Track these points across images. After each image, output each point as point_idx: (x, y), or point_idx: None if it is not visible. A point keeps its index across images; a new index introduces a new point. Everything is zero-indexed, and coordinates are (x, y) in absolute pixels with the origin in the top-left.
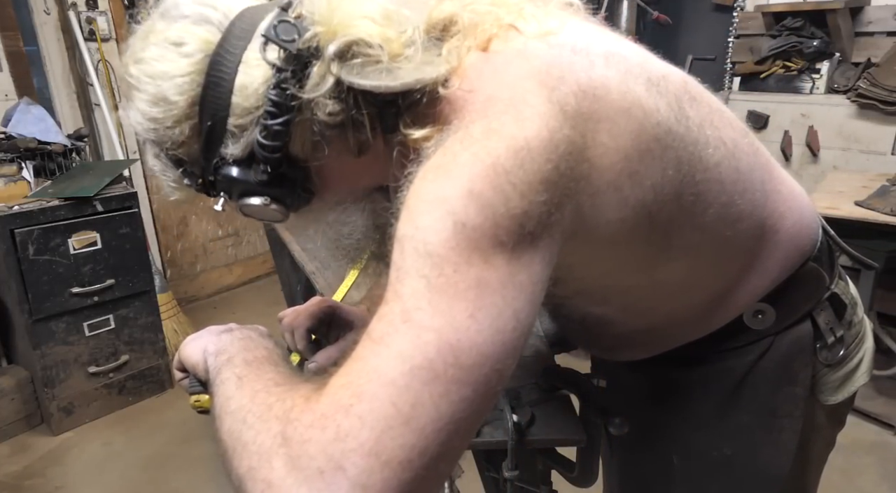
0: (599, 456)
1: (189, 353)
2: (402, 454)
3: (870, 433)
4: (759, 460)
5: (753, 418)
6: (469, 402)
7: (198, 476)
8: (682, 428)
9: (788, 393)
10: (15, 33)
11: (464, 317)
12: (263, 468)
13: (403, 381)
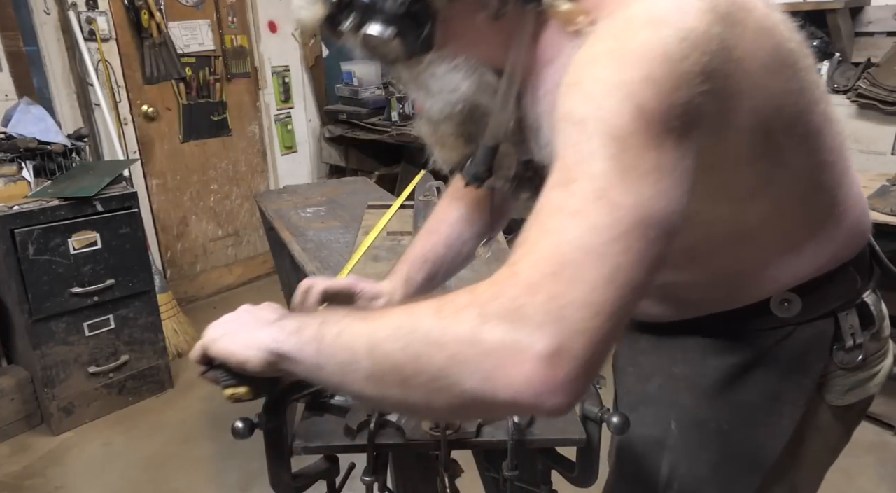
0: (599, 456)
1: (233, 349)
2: (608, 307)
3: (870, 433)
4: (754, 440)
5: (758, 399)
6: (650, 269)
7: (198, 476)
8: (687, 396)
9: (796, 382)
10: (15, 33)
11: (649, 195)
12: (475, 345)
13: (602, 250)
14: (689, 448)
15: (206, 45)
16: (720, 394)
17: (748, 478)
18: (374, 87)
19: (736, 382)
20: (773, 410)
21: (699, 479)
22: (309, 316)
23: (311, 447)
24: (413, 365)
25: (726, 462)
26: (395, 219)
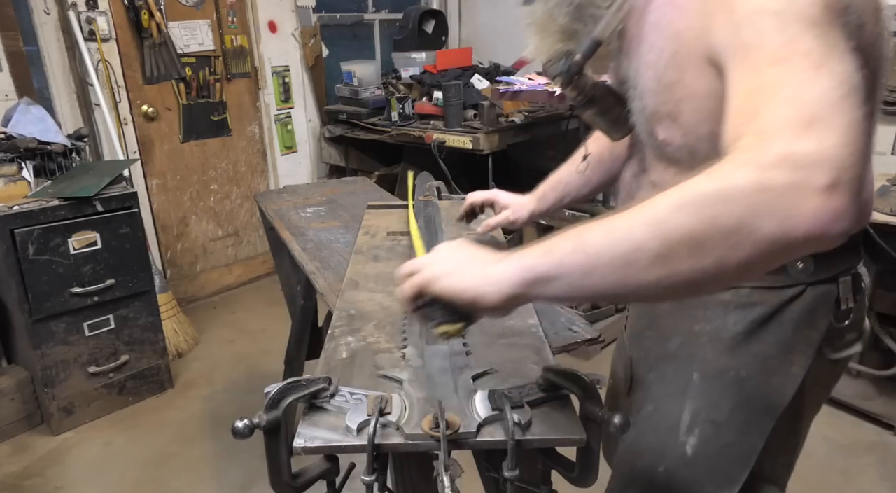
0: (599, 456)
1: (464, 286)
2: (859, 147)
3: (870, 433)
4: (768, 386)
5: (773, 349)
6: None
7: (198, 476)
8: (709, 349)
9: (807, 334)
10: (15, 33)
11: (852, 69)
12: (766, 191)
13: (840, 103)
14: (710, 395)
15: (206, 45)
16: (740, 346)
17: (762, 421)
18: (374, 87)
19: (754, 335)
20: (786, 359)
21: (718, 423)
22: (541, 242)
23: (311, 447)
24: (707, 228)
25: (743, 407)
26: (395, 219)
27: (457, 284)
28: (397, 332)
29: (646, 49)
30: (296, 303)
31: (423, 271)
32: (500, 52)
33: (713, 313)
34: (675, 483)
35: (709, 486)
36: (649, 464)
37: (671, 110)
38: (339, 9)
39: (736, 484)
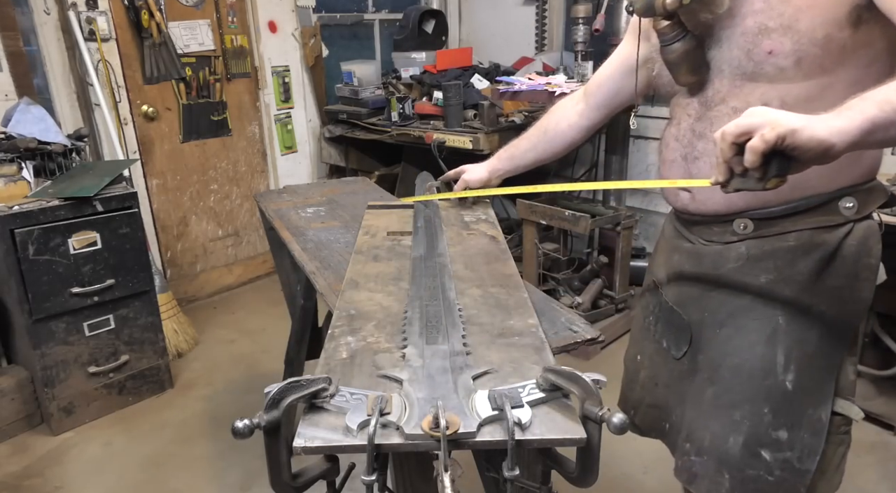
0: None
1: (822, 136)
2: None
3: (870, 433)
4: (843, 312)
5: (842, 280)
6: None
7: (198, 476)
8: (787, 293)
9: (866, 263)
10: (15, 33)
11: None
12: None
13: None
14: (798, 333)
15: (206, 45)
16: (815, 284)
17: (843, 341)
18: (374, 87)
19: (824, 272)
20: (855, 287)
21: (810, 355)
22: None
23: (311, 447)
24: None
25: (828, 335)
26: (395, 219)
27: (816, 135)
28: (397, 332)
29: None
30: (296, 303)
31: (778, 124)
32: (500, 52)
33: (783, 261)
34: (780, 417)
35: (809, 408)
36: (752, 410)
37: (784, 21)
38: (339, 9)
39: (829, 397)
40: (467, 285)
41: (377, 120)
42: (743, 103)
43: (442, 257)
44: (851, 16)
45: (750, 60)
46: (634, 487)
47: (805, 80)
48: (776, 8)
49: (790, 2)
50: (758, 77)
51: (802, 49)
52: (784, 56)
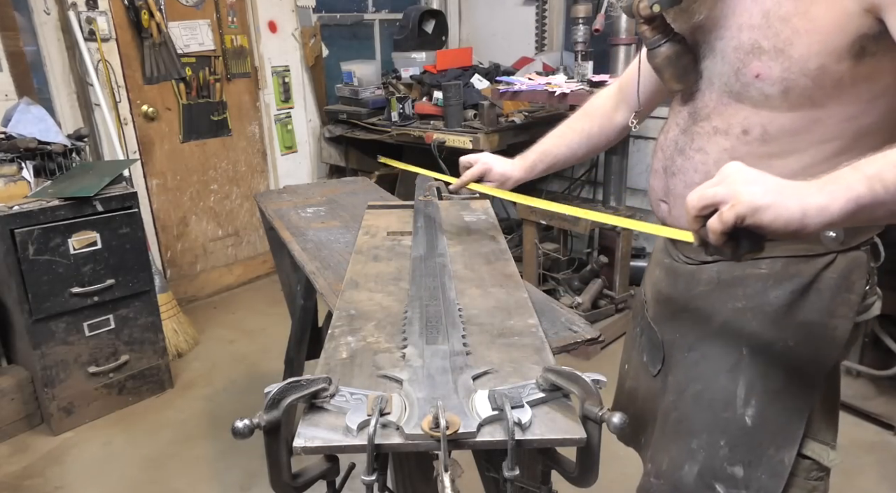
0: (599, 456)
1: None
2: None
3: (870, 433)
4: (815, 351)
5: (816, 316)
6: None
7: (198, 476)
8: (754, 324)
9: (845, 298)
10: (15, 33)
11: None
12: None
13: None
14: (762, 367)
15: (206, 45)
16: (784, 317)
17: (813, 383)
18: (374, 87)
19: (796, 305)
20: (830, 324)
21: (774, 391)
22: (849, 171)
23: (311, 447)
24: None
25: (796, 374)
26: (395, 219)
27: (783, 216)
28: (397, 332)
29: None
30: (296, 303)
31: (740, 202)
32: (500, 52)
33: (753, 289)
34: (737, 452)
35: (770, 448)
36: (708, 441)
37: (778, 43)
38: (339, 9)
39: (795, 440)
40: (467, 285)
41: (377, 120)
42: (725, 124)
43: (442, 257)
44: (854, 47)
45: (737, 80)
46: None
47: (791, 110)
48: (774, 26)
49: (789, 22)
50: (743, 98)
51: (791, 78)
52: (771, 82)
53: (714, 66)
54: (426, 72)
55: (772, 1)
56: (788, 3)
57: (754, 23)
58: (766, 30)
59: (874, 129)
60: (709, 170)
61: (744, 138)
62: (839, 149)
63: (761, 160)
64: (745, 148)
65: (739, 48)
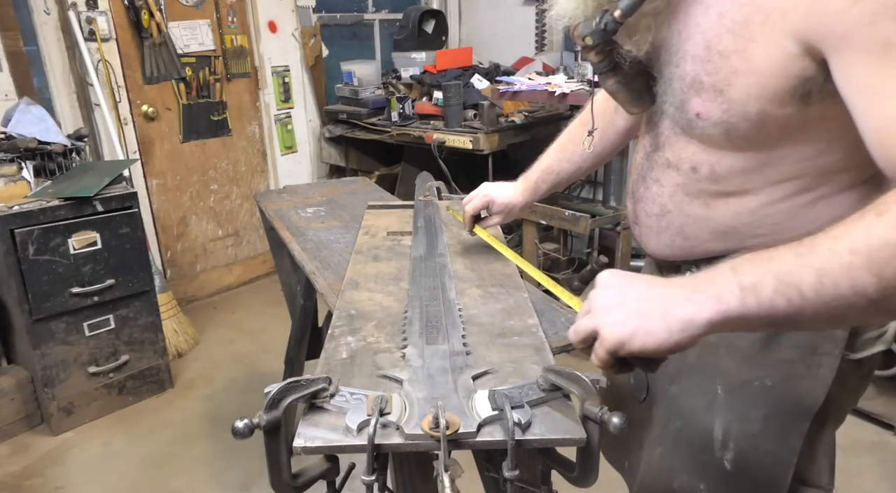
0: (599, 456)
1: (656, 341)
2: None
3: (870, 433)
4: (797, 391)
5: (795, 352)
6: None
7: (198, 476)
8: (728, 360)
9: (829, 334)
10: (15, 33)
11: None
12: None
13: None
14: (738, 408)
15: (206, 45)
16: (759, 354)
17: (797, 426)
18: (374, 87)
19: (773, 341)
20: (812, 362)
21: (752, 434)
22: (727, 272)
23: (311, 447)
24: None
25: (775, 415)
26: (395, 219)
27: (649, 342)
28: (397, 332)
29: (700, 10)
30: (296, 303)
31: (604, 337)
32: (500, 52)
33: None
34: None
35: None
36: (688, 483)
37: (717, 81)
38: (339, 9)
39: (782, 488)
40: (467, 285)
41: (377, 120)
42: (676, 158)
43: (442, 257)
44: (797, 91)
45: (682, 115)
46: None
47: (738, 151)
48: (714, 61)
49: (728, 59)
50: (689, 133)
51: (731, 121)
52: (712, 123)
53: (664, 93)
54: (426, 72)
55: (713, 31)
56: (728, 37)
57: (698, 53)
58: (707, 64)
59: (841, 165)
60: (664, 203)
61: (693, 176)
62: (801, 187)
63: (716, 198)
64: (697, 185)
65: (683, 79)
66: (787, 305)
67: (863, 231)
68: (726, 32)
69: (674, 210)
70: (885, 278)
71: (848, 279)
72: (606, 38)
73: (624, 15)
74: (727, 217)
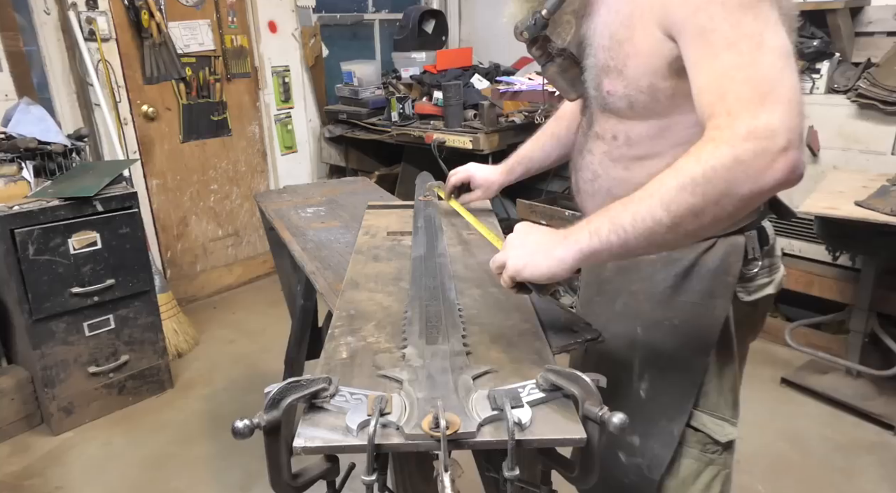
0: (599, 456)
1: (541, 270)
2: (799, 107)
3: (870, 433)
4: (698, 329)
5: (697, 296)
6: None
7: (198, 476)
8: (646, 305)
9: (723, 280)
10: (15, 33)
11: (783, 36)
12: (741, 163)
13: (780, 76)
14: (653, 344)
15: (206, 45)
16: (670, 298)
17: (698, 360)
18: (374, 87)
19: (680, 287)
20: (709, 304)
21: (662, 366)
22: (586, 223)
23: (311, 447)
24: (702, 201)
25: (681, 350)
26: (395, 219)
27: (535, 271)
28: (397, 332)
29: (605, 10)
30: (296, 303)
31: (508, 267)
32: (500, 52)
33: (645, 273)
34: (634, 423)
35: (662, 420)
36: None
37: (618, 64)
38: (339, 9)
39: (684, 415)
40: (467, 285)
41: (377, 120)
42: (602, 130)
43: (442, 257)
44: (671, 67)
45: (599, 94)
46: None
47: (642, 120)
48: (614, 49)
49: (622, 46)
50: (607, 110)
51: (631, 95)
52: (618, 98)
53: (588, 79)
54: (426, 72)
55: (615, 25)
56: (623, 29)
57: (604, 44)
58: (611, 51)
59: None
60: (595, 169)
61: (614, 143)
62: None
63: (633, 162)
64: (618, 151)
65: (597, 66)
66: (617, 239)
67: (658, 183)
68: (620, 25)
69: (602, 175)
70: (671, 211)
71: (650, 215)
72: (538, 32)
73: (549, 13)
74: (643, 177)
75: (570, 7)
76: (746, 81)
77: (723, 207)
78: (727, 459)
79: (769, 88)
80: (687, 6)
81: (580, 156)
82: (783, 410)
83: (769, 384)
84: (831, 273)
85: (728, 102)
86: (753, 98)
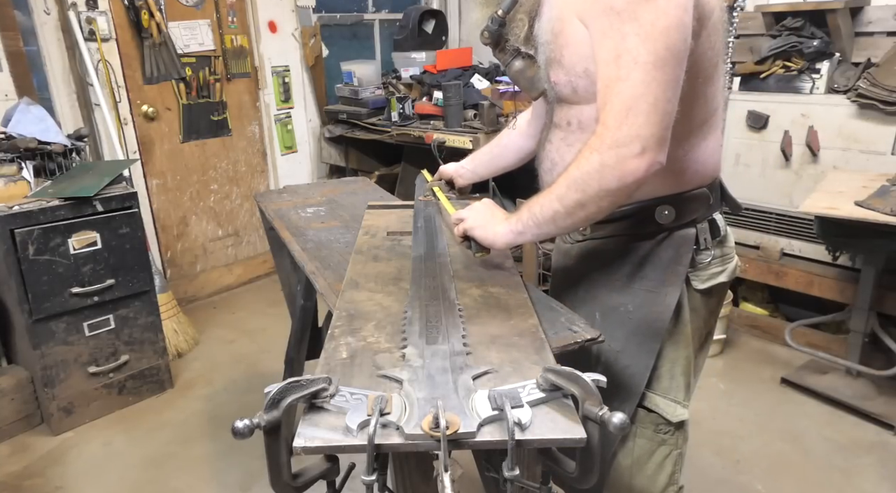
0: (599, 456)
1: (486, 235)
2: (661, 118)
3: (870, 433)
4: (650, 316)
5: (650, 284)
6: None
7: (198, 476)
8: (603, 291)
9: (674, 270)
10: (15, 33)
11: (662, 51)
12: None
13: (647, 88)
14: (609, 329)
15: (206, 45)
16: (626, 286)
17: (650, 344)
18: (374, 87)
19: (636, 275)
20: (661, 292)
21: (617, 351)
22: (519, 212)
23: (311, 447)
24: (584, 195)
25: (634, 335)
26: (395, 219)
27: (481, 235)
28: (397, 332)
29: (546, 9)
30: (296, 303)
31: (466, 222)
32: None
33: (603, 262)
34: None
35: (615, 402)
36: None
37: (557, 55)
38: (339, 9)
39: (635, 397)
40: (467, 285)
41: (377, 120)
42: (558, 119)
43: (442, 257)
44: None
45: (550, 85)
46: None
47: (587, 104)
48: (552, 43)
49: (558, 38)
50: (558, 99)
51: (573, 81)
52: (563, 85)
53: (543, 76)
54: (426, 72)
55: (553, 21)
56: (557, 24)
57: (548, 39)
58: (552, 44)
59: None
60: (553, 157)
61: (568, 129)
62: None
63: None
64: (573, 136)
65: (545, 61)
66: (534, 224)
67: (557, 181)
68: (556, 20)
69: (560, 162)
70: (564, 204)
71: (550, 207)
72: (496, 32)
73: (504, 12)
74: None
75: (522, 7)
76: (618, 95)
77: (601, 199)
78: (679, 439)
79: (633, 103)
80: (595, 5)
81: (542, 148)
82: (783, 410)
83: (769, 384)
84: (831, 273)
85: (605, 113)
86: (620, 112)
